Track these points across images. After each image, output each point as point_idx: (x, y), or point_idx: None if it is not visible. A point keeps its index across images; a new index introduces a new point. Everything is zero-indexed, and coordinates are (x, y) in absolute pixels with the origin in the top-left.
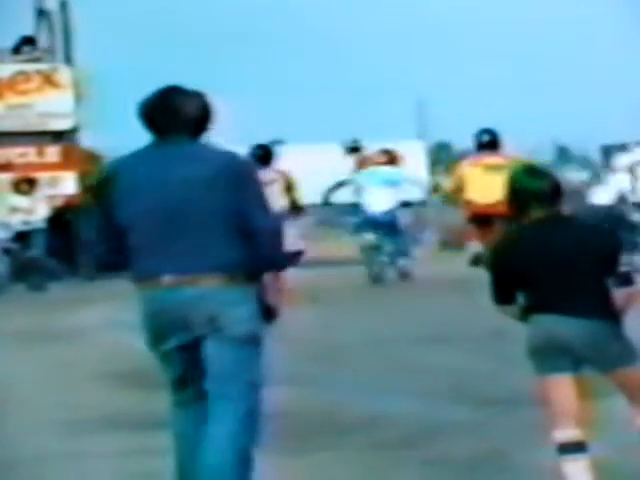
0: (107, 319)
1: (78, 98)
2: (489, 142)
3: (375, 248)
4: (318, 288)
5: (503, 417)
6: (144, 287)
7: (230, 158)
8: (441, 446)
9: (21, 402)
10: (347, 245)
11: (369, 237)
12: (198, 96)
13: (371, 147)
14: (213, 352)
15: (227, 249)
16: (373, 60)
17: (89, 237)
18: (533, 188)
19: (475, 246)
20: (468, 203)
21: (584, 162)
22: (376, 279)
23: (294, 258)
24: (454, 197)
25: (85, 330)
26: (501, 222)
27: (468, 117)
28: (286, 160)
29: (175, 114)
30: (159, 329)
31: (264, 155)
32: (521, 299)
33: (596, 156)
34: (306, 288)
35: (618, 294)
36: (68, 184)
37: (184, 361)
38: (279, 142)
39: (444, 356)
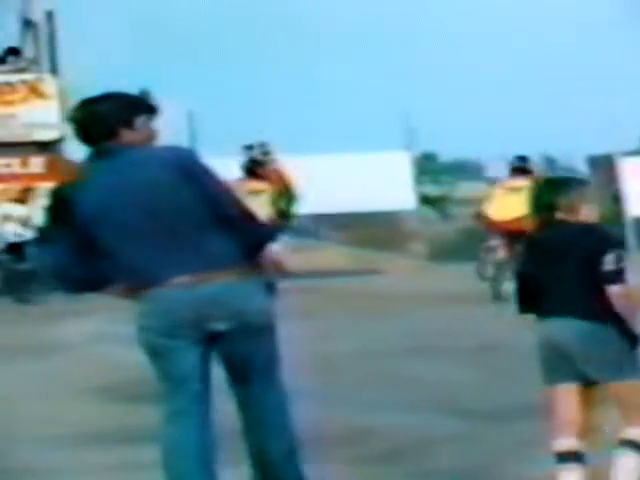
0: (95, 332)
1: (63, 109)
2: (520, 167)
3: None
4: (309, 299)
5: (491, 430)
6: (154, 289)
7: (177, 151)
8: (428, 460)
9: (7, 417)
10: (337, 255)
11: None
12: (114, 98)
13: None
14: (246, 346)
15: (226, 243)
16: (358, 71)
17: (54, 262)
18: (546, 200)
19: (500, 254)
20: (488, 220)
21: (571, 173)
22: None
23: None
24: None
25: (72, 343)
26: (517, 238)
27: (454, 129)
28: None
29: (99, 123)
30: (174, 324)
31: (253, 167)
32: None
33: (582, 167)
34: (297, 299)
35: (614, 293)
36: None
37: (196, 356)
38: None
39: (434, 368)
